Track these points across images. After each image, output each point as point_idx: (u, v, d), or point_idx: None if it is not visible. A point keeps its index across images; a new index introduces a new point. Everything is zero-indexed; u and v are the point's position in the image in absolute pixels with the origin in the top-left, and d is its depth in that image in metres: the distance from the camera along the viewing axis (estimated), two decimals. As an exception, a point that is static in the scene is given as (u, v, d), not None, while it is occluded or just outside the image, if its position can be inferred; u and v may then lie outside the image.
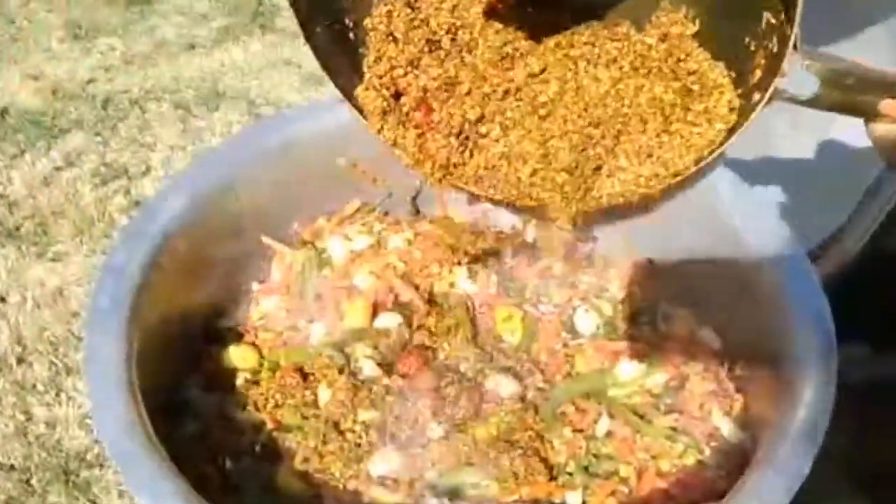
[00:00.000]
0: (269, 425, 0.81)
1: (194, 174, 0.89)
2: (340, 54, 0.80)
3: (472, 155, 0.79)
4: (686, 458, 0.80)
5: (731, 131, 0.73)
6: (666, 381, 0.87)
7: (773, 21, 0.66)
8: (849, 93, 0.72)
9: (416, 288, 0.92)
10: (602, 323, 0.90)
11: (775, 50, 0.67)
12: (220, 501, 0.69)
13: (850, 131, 0.83)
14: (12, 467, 1.21)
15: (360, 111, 0.80)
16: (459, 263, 0.93)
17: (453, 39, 0.76)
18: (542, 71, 0.76)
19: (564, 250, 0.93)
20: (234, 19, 2.08)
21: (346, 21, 0.78)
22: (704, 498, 0.75)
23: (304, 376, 0.84)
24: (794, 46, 0.66)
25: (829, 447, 0.70)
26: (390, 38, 0.77)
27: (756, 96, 0.70)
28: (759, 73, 0.69)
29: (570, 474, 0.79)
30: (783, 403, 0.73)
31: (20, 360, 1.35)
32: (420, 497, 0.77)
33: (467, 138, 0.79)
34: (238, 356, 0.87)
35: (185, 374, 0.87)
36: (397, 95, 0.79)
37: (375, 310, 0.90)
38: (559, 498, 0.78)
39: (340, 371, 0.83)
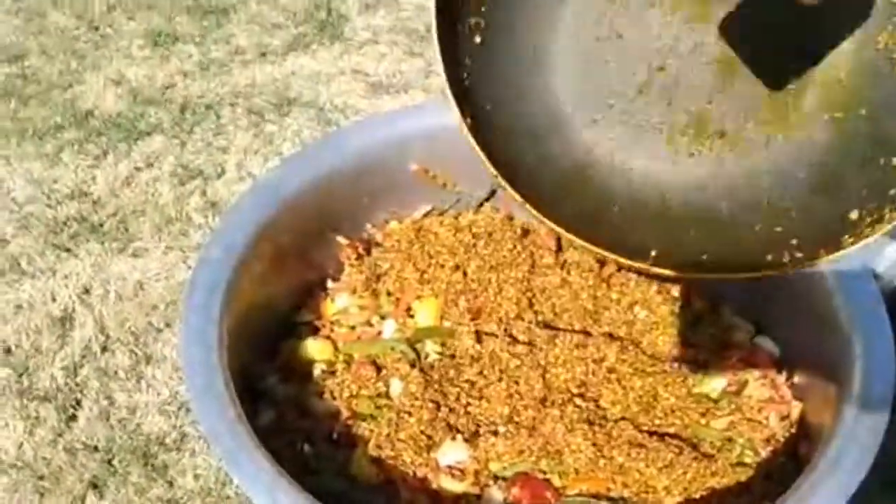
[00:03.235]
0: (345, 414, 0.86)
1: (278, 178, 0.95)
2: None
3: None
4: (742, 459, 0.82)
5: None
6: (724, 386, 0.90)
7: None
8: None
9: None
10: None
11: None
12: (300, 483, 0.74)
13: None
14: (96, 448, 1.29)
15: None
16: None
17: None
18: None
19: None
20: (304, 29, 2.14)
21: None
22: (757, 499, 0.78)
23: (378, 369, 0.89)
24: None
25: (881, 453, 0.72)
26: None
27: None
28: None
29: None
30: (841, 413, 0.75)
31: (104, 349, 1.42)
32: (485, 486, 0.82)
33: None
34: (315, 349, 0.93)
35: (263, 365, 0.93)
36: None
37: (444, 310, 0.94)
38: (616, 493, 0.81)
39: (412, 365, 0.87)
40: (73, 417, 1.33)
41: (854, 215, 0.62)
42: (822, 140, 0.67)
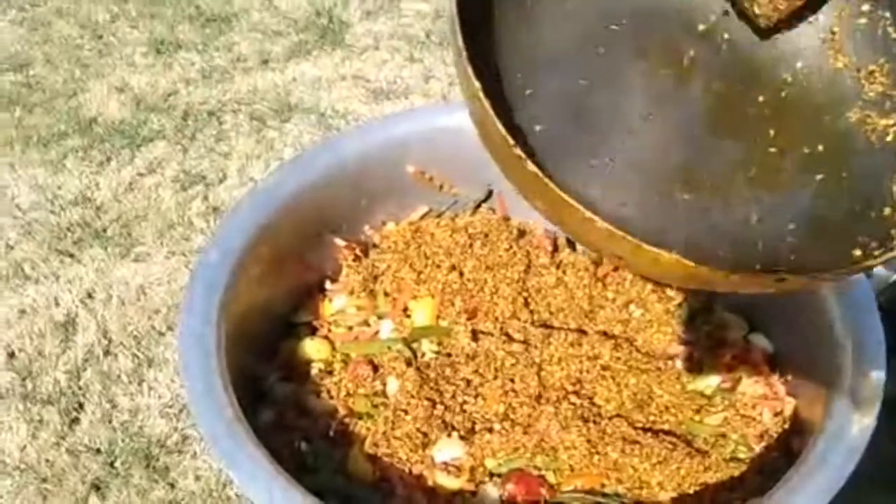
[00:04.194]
0: (342, 412, 0.87)
1: (277, 181, 0.96)
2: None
3: None
4: (736, 454, 0.83)
5: None
6: (718, 383, 0.90)
7: None
8: None
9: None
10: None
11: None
12: (298, 481, 0.74)
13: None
14: (98, 451, 1.30)
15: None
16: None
17: None
18: None
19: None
20: (305, 36, 2.16)
21: None
22: (750, 493, 0.78)
23: (375, 368, 0.90)
24: None
25: (873, 453, 0.73)
26: None
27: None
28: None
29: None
30: (831, 408, 0.76)
31: (106, 353, 1.44)
32: (480, 483, 0.82)
33: None
34: (313, 348, 0.94)
35: (263, 365, 0.94)
36: None
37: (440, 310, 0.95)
38: (611, 489, 0.82)
39: (408, 364, 0.89)
40: (76, 420, 1.35)
41: (857, 253, 0.63)
42: (811, 197, 0.68)
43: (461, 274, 0.96)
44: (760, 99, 0.68)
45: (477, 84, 0.58)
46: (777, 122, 0.68)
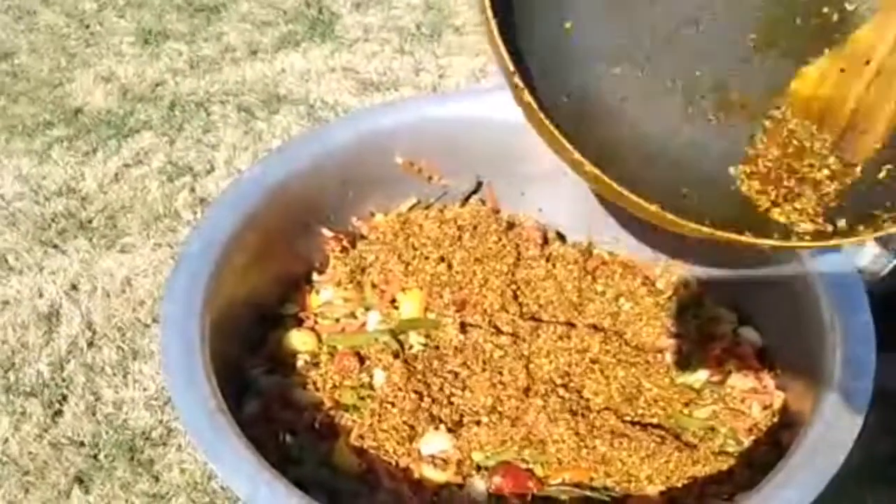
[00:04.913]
0: (328, 404, 0.86)
1: (262, 171, 0.95)
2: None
3: None
4: (725, 448, 0.83)
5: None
6: (707, 377, 0.90)
7: None
8: None
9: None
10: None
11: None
12: (282, 473, 0.73)
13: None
14: (82, 444, 1.29)
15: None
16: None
17: None
18: None
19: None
20: (294, 27, 2.15)
21: None
22: (739, 487, 0.78)
23: (361, 360, 0.89)
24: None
25: (864, 446, 0.73)
26: None
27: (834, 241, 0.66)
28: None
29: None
30: (820, 403, 0.76)
31: (90, 345, 1.42)
32: (467, 476, 0.82)
33: None
34: (299, 340, 0.92)
35: (248, 357, 0.92)
36: None
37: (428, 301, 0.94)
38: (599, 483, 0.81)
39: (395, 356, 0.88)
40: (59, 413, 1.33)
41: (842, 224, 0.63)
42: None
43: (450, 266, 0.95)
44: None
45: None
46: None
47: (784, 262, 0.86)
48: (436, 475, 0.81)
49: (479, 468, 0.82)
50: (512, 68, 0.61)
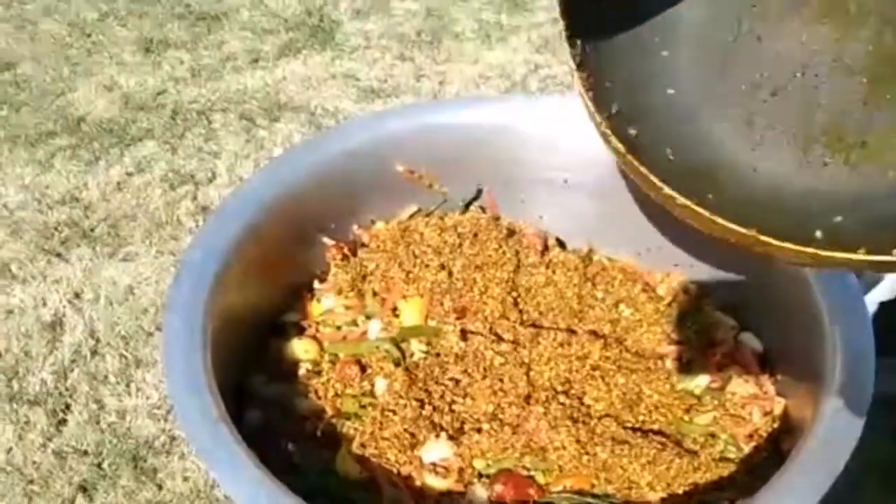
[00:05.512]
0: (329, 412, 0.86)
1: (263, 180, 0.95)
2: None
3: None
4: (725, 454, 0.83)
5: None
6: (708, 383, 0.90)
7: None
8: None
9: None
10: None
11: None
12: (283, 481, 0.74)
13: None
14: (85, 452, 1.29)
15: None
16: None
17: None
18: None
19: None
20: (295, 34, 2.16)
21: None
22: (740, 493, 0.78)
23: (363, 368, 0.89)
24: None
25: (866, 452, 0.73)
26: None
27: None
28: None
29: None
30: (820, 409, 0.76)
31: (94, 353, 1.43)
32: (469, 484, 0.82)
33: None
34: (300, 348, 0.93)
35: (250, 366, 0.93)
36: None
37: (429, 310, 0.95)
38: (600, 489, 0.81)
39: (396, 364, 0.88)
40: (63, 421, 1.34)
41: None
42: None
43: (450, 273, 0.96)
44: None
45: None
46: None
47: (785, 267, 0.87)
48: (437, 483, 0.81)
49: (480, 476, 0.82)
50: (623, 149, 0.62)
